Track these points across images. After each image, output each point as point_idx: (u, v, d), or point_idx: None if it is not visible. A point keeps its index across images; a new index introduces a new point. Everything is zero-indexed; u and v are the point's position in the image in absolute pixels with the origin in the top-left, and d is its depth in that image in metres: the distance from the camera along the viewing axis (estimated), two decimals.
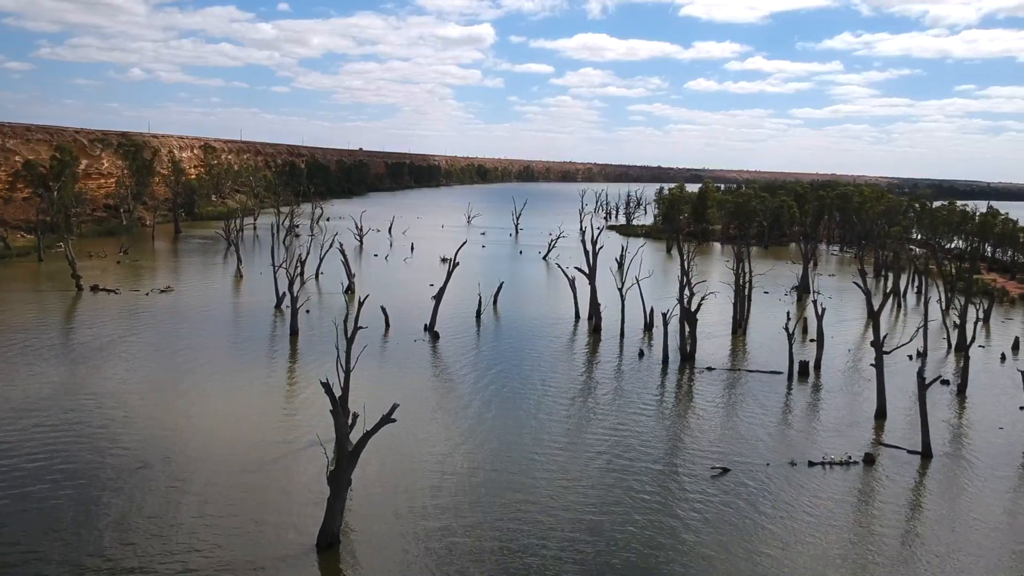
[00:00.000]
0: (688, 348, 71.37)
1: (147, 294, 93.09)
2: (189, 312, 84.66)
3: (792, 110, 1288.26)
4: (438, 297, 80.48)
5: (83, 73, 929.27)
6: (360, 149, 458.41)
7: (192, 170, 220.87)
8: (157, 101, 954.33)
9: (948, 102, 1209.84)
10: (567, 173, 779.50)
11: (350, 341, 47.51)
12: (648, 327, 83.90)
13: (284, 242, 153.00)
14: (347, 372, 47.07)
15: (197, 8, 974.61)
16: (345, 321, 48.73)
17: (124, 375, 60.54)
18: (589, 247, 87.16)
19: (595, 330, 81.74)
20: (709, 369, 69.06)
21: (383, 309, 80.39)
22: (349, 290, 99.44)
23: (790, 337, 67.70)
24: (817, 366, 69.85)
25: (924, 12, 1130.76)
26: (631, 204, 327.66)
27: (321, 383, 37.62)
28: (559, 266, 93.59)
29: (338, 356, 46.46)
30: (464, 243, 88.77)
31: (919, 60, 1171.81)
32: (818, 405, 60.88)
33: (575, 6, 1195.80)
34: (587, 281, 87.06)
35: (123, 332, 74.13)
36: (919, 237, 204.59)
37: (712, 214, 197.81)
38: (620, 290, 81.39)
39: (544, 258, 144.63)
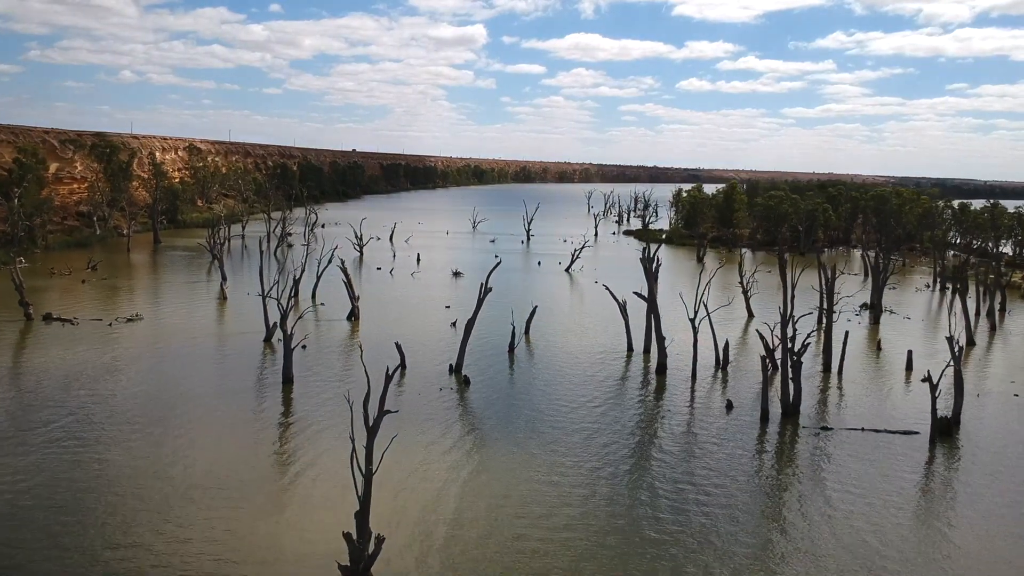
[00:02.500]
0: (792, 399, 56.06)
1: (110, 324, 77.31)
2: (158, 350, 69.01)
3: (784, 109, 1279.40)
4: (466, 331, 65.00)
5: (73, 75, 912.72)
6: (353, 150, 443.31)
7: (176, 173, 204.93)
8: (148, 103, 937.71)
9: (940, 100, 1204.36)
10: (564, 174, 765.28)
11: (372, 432, 32.15)
12: (721, 365, 68.68)
13: (276, 253, 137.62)
14: (368, 477, 31.78)
15: (188, 9, 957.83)
16: (366, 403, 33.18)
17: (61, 452, 44.98)
18: (649, 265, 71.53)
19: (659, 370, 66.39)
20: (824, 429, 53.74)
21: (398, 346, 65.02)
22: (352, 315, 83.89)
23: (933, 386, 52.32)
24: (956, 421, 54.73)
25: (918, 11, 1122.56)
26: (639, 206, 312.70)
27: (339, 567, 22.18)
28: (607, 288, 78.20)
29: (354, 451, 31.21)
30: (499, 263, 73.29)
31: (911, 59, 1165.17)
32: (992, 485, 45.62)
33: (568, 6, 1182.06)
34: (619, 303, 72.03)
35: (69, 381, 58.45)
36: (957, 241, 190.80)
37: (740, 218, 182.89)
38: (692, 321, 65.94)
39: (567, 270, 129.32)
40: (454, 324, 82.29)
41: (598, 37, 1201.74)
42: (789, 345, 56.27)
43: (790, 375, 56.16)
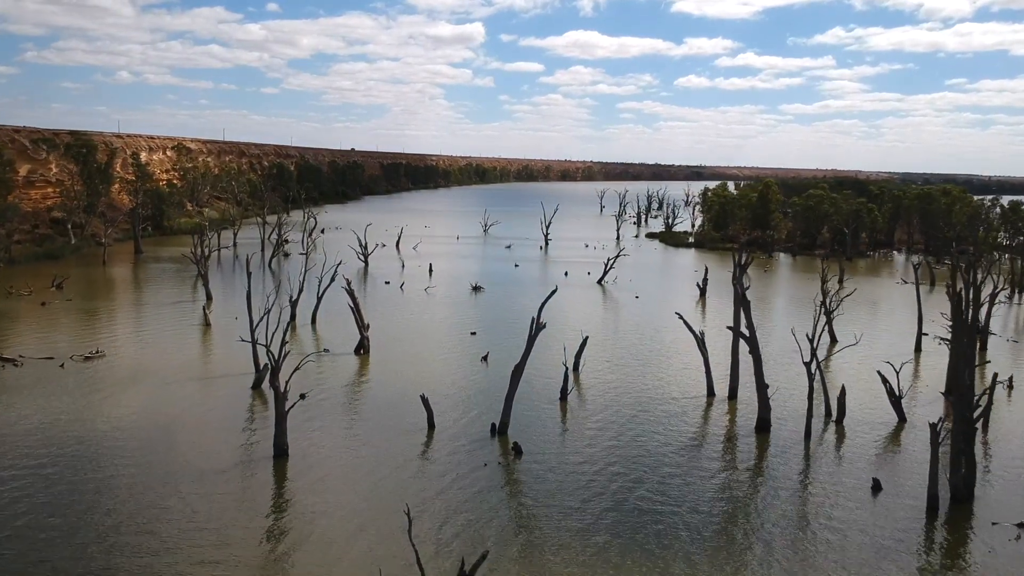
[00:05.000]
0: (964, 479, 41.47)
1: (62, 366, 62.45)
2: (117, 404, 54.31)
3: (782, 106, 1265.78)
4: (513, 381, 50.29)
5: (70, 76, 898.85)
6: (352, 149, 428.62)
7: (163, 175, 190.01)
8: (145, 104, 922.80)
9: (938, 96, 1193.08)
10: (566, 172, 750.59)
11: None
12: (836, 419, 54.05)
13: (270, 264, 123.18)
14: None
15: (185, 9, 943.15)
16: None
17: None
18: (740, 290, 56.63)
19: (760, 427, 51.75)
20: (1022, 527, 39.18)
21: (424, 401, 50.39)
22: (361, 348, 69.19)
23: None
24: None
25: (919, 5, 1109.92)
26: (653, 205, 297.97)
27: None
28: (680, 318, 63.36)
29: None
30: (554, 291, 58.31)
31: (911, 54, 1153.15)
32: None
33: (566, 3, 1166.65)
34: (693, 339, 57.19)
35: None
36: (1006, 242, 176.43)
37: (777, 219, 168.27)
38: (808, 366, 51.20)
39: (600, 282, 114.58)
40: (485, 358, 67.92)
41: (596, 34, 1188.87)
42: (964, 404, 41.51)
43: (962, 444, 41.49)
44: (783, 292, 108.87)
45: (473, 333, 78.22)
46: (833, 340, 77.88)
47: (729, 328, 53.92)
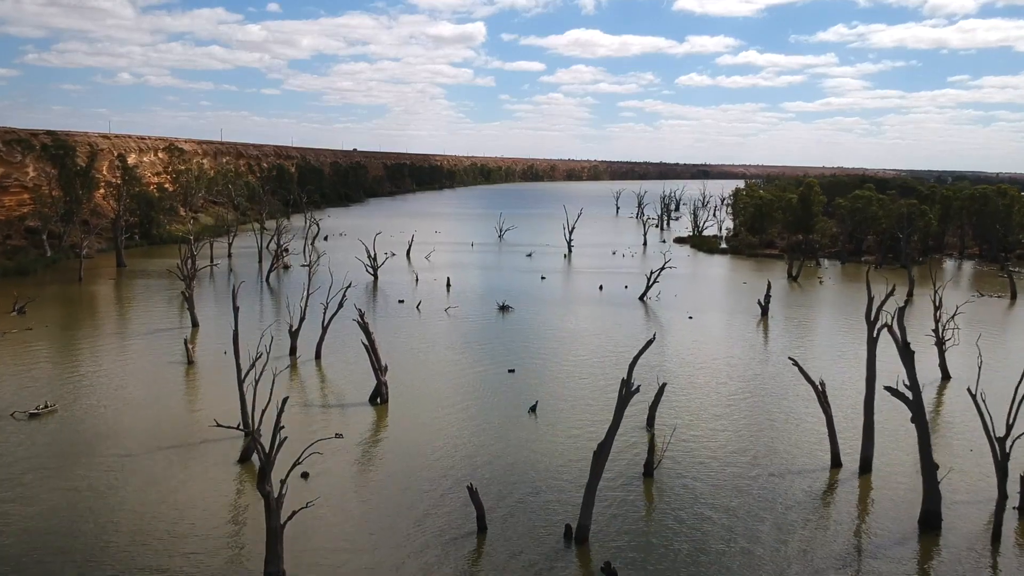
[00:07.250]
0: None
1: None
2: (60, 483, 40.82)
3: (784, 103, 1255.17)
4: (595, 468, 36.51)
5: (70, 78, 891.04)
6: (355, 150, 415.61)
7: (154, 177, 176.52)
8: (145, 105, 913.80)
9: (940, 93, 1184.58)
10: (572, 172, 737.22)
11: None
12: (1017, 506, 40.42)
13: (268, 280, 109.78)
14: None
15: (185, 10, 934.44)
16: None
17: None
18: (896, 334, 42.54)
19: (926, 522, 38.10)
20: None
21: (472, 493, 36.72)
22: (378, 397, 55.58)
23: None
24: None
25: (922, 2, 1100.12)
26: (671, 206, 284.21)
27: None
28: (796, 364, 49.38)
29: None
30: (651, 340, 43.17)
31: (913, 51, 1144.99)
32: None
33: (568, 2, 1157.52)
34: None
35: None
36: None
37: (821, 223, 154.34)
38: (1003, 442, 37.33)
39: (641, 298, 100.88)
40: (534, 409, 54.40)
41: (598, 33, 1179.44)
42: None
43: None
44: (852, 312, 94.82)
45: (511, 371, 64.66)
46: (946, 376, 64.40)
47: (888, 390, 39.79)
